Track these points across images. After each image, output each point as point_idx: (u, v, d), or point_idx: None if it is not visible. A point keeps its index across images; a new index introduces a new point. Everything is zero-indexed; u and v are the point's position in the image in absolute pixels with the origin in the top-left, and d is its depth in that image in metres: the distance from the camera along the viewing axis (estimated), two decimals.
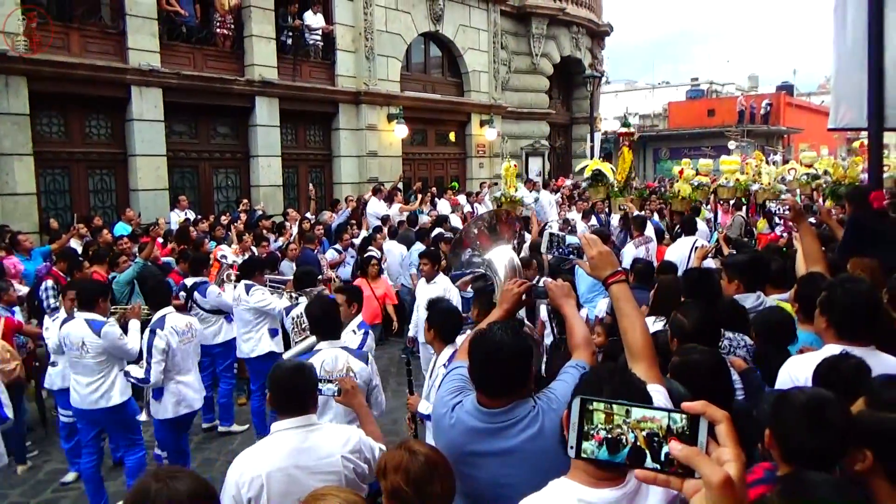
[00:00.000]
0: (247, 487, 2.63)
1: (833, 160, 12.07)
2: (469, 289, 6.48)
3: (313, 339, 3.91)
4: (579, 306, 5.74)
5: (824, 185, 11.66)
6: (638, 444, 0.98)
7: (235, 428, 6.82)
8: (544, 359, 4.55)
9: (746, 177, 11.46)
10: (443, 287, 6.76)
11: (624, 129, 7.53)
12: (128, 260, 7.45)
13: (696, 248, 6.87)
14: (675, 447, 0.96)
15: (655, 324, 3.82)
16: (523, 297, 2.65)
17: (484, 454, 2.25)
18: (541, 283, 2.54)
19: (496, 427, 2.23)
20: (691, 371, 2.46)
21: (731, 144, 18.92)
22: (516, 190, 10.99)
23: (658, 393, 1.92)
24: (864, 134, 6.78)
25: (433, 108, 17.01)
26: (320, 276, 9.13)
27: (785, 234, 9.28)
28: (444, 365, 3.67)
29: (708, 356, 2.58)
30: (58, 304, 6.93)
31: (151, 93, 11.30)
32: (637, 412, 1.00)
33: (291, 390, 2.80)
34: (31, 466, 6.03)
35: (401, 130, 15.51)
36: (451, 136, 18.21)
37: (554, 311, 2.86)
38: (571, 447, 1.03)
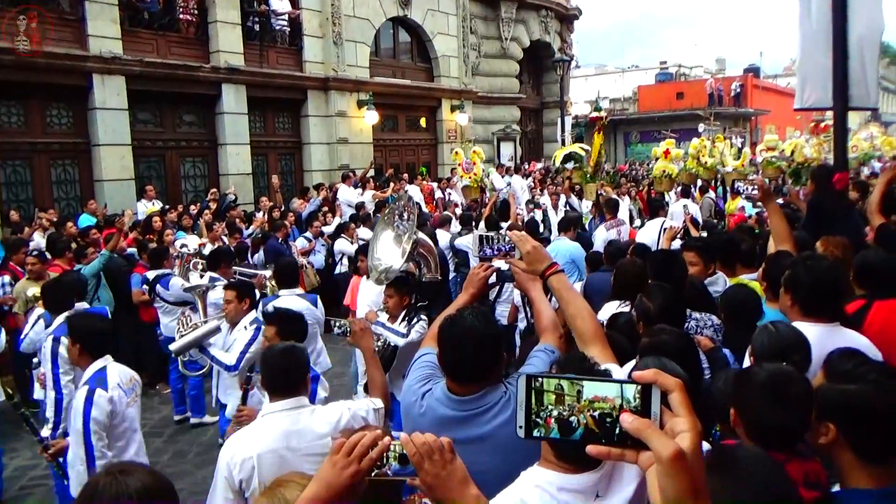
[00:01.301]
0: (238, 469, 2.65)
1: (798, 142, 12.25)
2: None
3: (215, 322, 4.44)
4: (547, 291, 5.79)
5: (787, 167, 11.85)
6: (589, 426, 0.94)
7: (207, 419, 6.73)
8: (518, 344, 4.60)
9: (714, 160, 11.58)
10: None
11: (596, 114, 7.48)
12: (95, 252, 7.30)
13: (665, 229, 6.93)
14: (625, 419, 0.91)
15: (620, 307, 3.84)
16: (489, 280, 2.63)
17: (456, 442, 2.22)
18: (507, 267, 2.51)
19: (468, 414, 2.21)
20: (660, 352, 2.46)
21: (701, 127, 19.05)
22: (488, 175, 11.01)
23: (617, 372, 1.94)
24: (829, 115, 6.89)
25: (403, 94, 16.87)
26: None
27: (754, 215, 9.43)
28: None
29: (676, 337, 2.59)
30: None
31: (114, 81, 11.02)
32: (589, 390, 0.95)
33: (282, 372, 2.83)
34: None
35: (371, 117, 15.37)
36: (422, 121, 18.11)
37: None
38: (520, 427, 0.98)
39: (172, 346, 4.56)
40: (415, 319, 4.41)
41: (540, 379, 0.97)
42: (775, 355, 2.29)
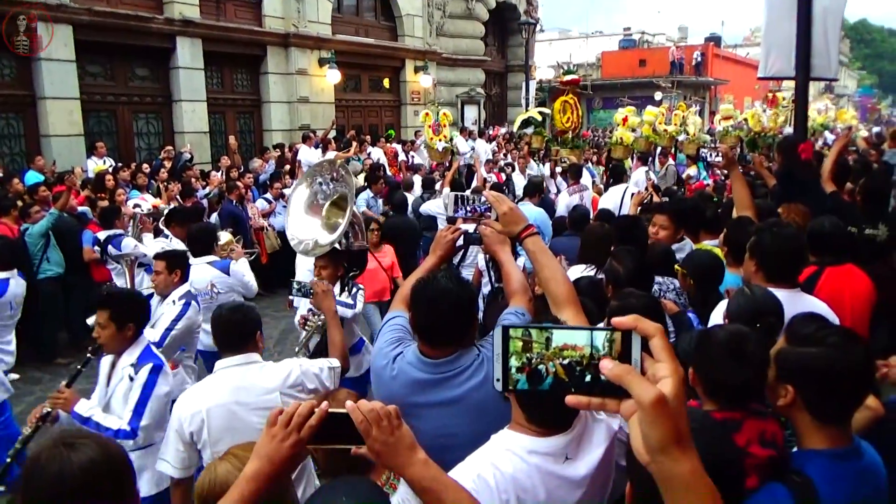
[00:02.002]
0: (188, 422, 2.76)
1: (756, 111, 12.46)
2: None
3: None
4: (516, 255, 5.78)
5: (744, 136, 12.06)
6: (558, 374, 0.92)
7: None
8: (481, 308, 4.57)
9: (675, 127, 11.70)
10: None
11: (569, 77, 7.27)
12: (41, 210, 7.00)
13: (631, 195, 6.97)
14: (605, 366, 0.89)
15: (585, 271, 3.87)
16: (456, 243, 2.59)
17: (428, 405, 2.20)
18: (475, 230, 2.47)
19: (441, 377, 2.19)
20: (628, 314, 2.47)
21: (658, 95, 19.09)
22: (451, 140, 10.88)
23: None
24: (785, 86, 7.01)
25: (366, 53, 16.51)
26: (250, 225, 8.90)
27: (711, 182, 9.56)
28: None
29: (645, 300, 2.62)
30: None
31: (60, 30, 10.46)
32: (558, 338, 0.93)
33: (231, 329, 2.89)
34: None
35: (333, 76, 15.02)
36: (385, 82, 17.79)
37: (491, 258, 2.82)
38: (498, 380, 0.95)
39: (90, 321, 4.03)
40: (354, 289, 4.23)
41: (515, 330, 0.94)
42: (750, 317, 2.33)
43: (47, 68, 10.41)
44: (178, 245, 5.81)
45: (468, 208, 2.25)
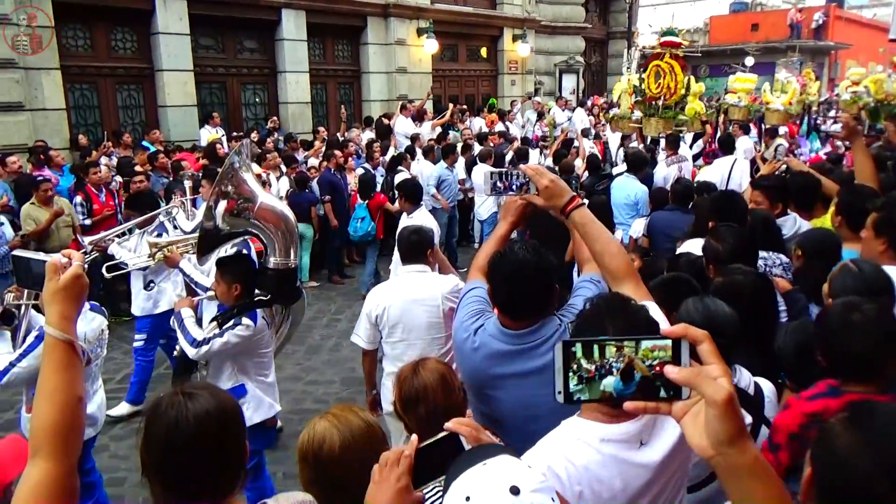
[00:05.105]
0: (375, 309, 3.69)
1: (880, 77, 11.35)
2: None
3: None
4: (613, 228, 5.63)
5: (870, 104, 11.05)
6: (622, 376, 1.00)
7: None
8: None
9: (788, 96, 10.82)
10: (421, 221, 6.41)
11: (668, 39, 6.71)
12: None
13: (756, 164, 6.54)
14: (670, 371, 0.97)
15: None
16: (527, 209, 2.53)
17: (511, 376, 2.20)
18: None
19: (523, 348, 2.18)
20: (735, 292, 2.37)
21: (749, 60, 17.50)
22: (549, 110, 10.58)
23: (653, 308, 1.81)
24: None
25: (464, 23, 16.37)
26: (349, 193, 9.12)
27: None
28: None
29: (752, 277, 2.49)
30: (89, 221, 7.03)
31: (176, 4, 11.00)
32: (614, 346, 1.00)
33: (411, 246, 3.81)
34: None
35: (431, 45, 15.02)
36: (483, 51, 17.61)
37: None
38: (559, 392, 1.02)
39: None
40: (231, 322, 3.41)
41: (576, 344, 1.01)
42: (856, 294, 2.18)
43: (164, 41, 10.99)
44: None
45: (507, 184, 2.16)
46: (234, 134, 11.06)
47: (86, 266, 1.64)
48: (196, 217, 5.49)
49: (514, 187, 2.14)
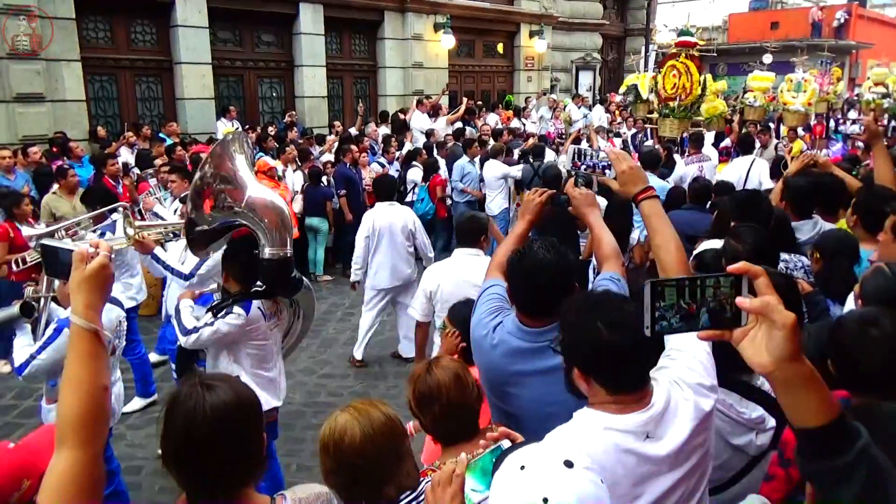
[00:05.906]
0: (429, 285, 4.36)
1: None
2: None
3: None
4: (632, 226, 5.60)
5: (888, 105, 10.93)
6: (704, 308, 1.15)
7: None
8: None
9: (807, 96, 10.68)
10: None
11: (683, 39, 6.66)
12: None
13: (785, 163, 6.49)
14: (743, 303, 1.12)
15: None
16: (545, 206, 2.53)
17: (529, 373, 2.20)
18: (563, 191, 2.39)
19: (541, 346, 2.18)
20: None
21: (767, 58, 17.24)
22: (565, 107, 10.57)
23: None
24: None
25: (481, 18, 16.32)
26: (364, 188, 9.15)
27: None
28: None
29: (776, 278, 2.45)
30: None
31: None
32: (700, 282, 1.15)
33: (466, 230, 4.33)
34: None
35: (447, 41, 15.00)
36: (500, 47, 17.56)
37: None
38: (647, 327, 1.16)
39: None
40: (224, 312, 3.33)
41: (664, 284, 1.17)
42: (890, 299, 2.15)
43: (183, 34, 11.06)
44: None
45: (588, 163, 2.18)
46: (248, 127, 11.12)
47: (113, 256, 1.66)
48: (169, 207, 5.51)
49: (594, 166, 2.19)
